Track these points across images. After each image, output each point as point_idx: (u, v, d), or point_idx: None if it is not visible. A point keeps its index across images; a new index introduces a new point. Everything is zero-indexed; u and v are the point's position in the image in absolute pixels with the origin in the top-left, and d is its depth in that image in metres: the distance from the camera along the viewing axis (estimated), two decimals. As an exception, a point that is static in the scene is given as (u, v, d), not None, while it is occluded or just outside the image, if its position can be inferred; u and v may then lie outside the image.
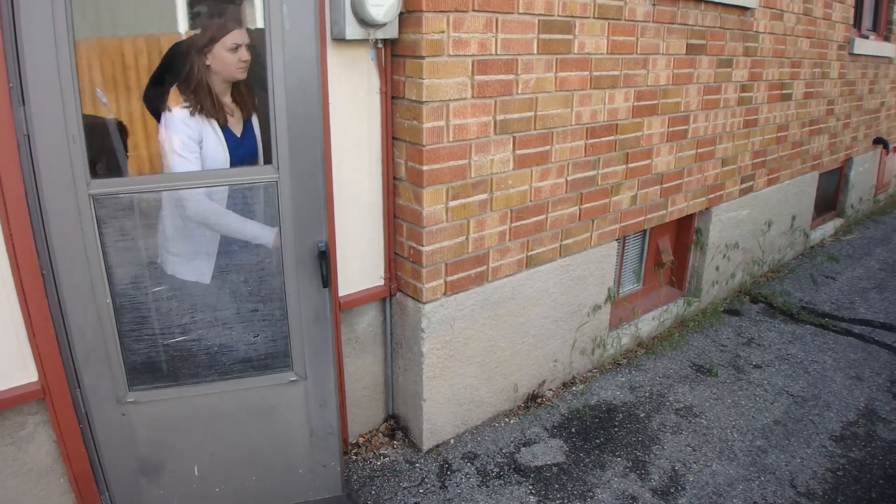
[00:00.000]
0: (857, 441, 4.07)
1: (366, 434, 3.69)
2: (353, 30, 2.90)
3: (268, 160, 2.77)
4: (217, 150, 2.75)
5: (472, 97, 3.19)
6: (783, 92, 5.96)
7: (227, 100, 2.84)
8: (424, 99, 3.02)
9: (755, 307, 5.93)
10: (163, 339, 2.76)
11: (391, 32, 3.02)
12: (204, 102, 2.71)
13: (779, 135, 6.09)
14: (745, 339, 5.29)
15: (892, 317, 5.96)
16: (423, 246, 3.25)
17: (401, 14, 3.02)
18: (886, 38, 8.55)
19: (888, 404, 4.52)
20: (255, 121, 2.95)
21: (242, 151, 2.87)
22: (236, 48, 2.68)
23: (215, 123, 2.75)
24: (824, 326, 5.62)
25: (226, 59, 2.69)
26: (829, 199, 8.34)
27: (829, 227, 8.22)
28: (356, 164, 3.18)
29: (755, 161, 5.82)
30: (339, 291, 3.21)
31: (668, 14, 4.26)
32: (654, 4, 4.11)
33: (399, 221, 3.35)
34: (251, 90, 2.90)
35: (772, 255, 6.70)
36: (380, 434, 3.70)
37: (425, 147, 3.09)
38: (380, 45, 3.06)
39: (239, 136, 2.86)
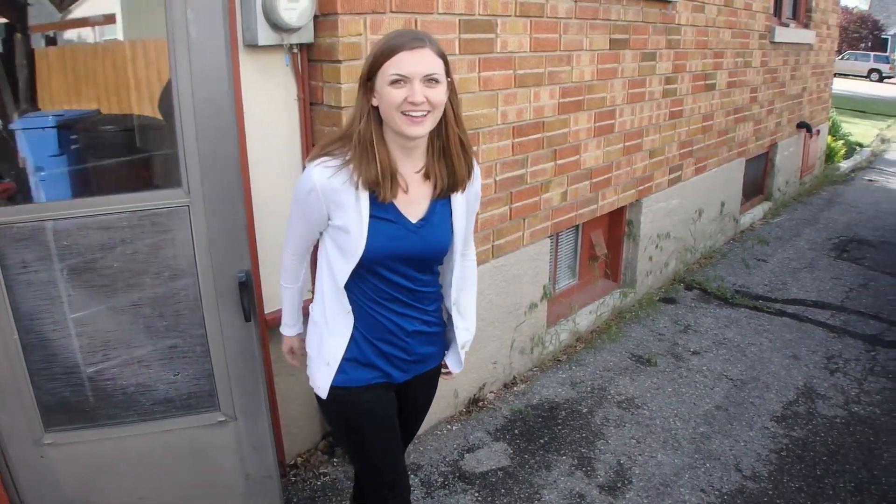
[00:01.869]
0: (799, 420, 4.14)
1: (304, 453, 3.58)
2: (266, 35, 2.78)
3: (178, 183, 2.47)
4: (355, 236, 2.00)
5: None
6: (707, 82, 6.03)
7: (405, 165, 2.04)
8: (343, 104, 2.95)
9: (690, 294, 5.99)
10: (76, 377, 2.57)
11: (306, 37, 2.93)
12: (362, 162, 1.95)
13: (704, 124, 6.17)
14: (681, 327, 5.34)
15: (824, 295, 6.09)
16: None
17: (315, 17, 2.94)
18: (806, 26, 8.74)
19: (826, 381, 4.61)
20: (455, 201, 2.14)
21: (412, 246, 2.08)
22: (397, 82, 1.88)
23: (365, 194, 1.98)
24: (759, 309, 5.71)
25: (388, 98, 1.90)
26: (756, 184, 8.49)
27: (758, 210, 8.37)
28: (277, 179, 3.03)
29: (682, 151, 5.88)
30: (266, 308, 3.08)
31: (590, 10, 4.26)
32: (576, 1, 4.11)
33: None
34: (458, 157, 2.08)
35: (704, 242, 6.79)
36: (318, 452, 3.60)
37: (347, 154, 3.01)
38: (295, 51, 2.96)
39: (415, 221, 2.07)
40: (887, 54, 48.16)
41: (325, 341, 2.16)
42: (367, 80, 1.94)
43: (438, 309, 2.30)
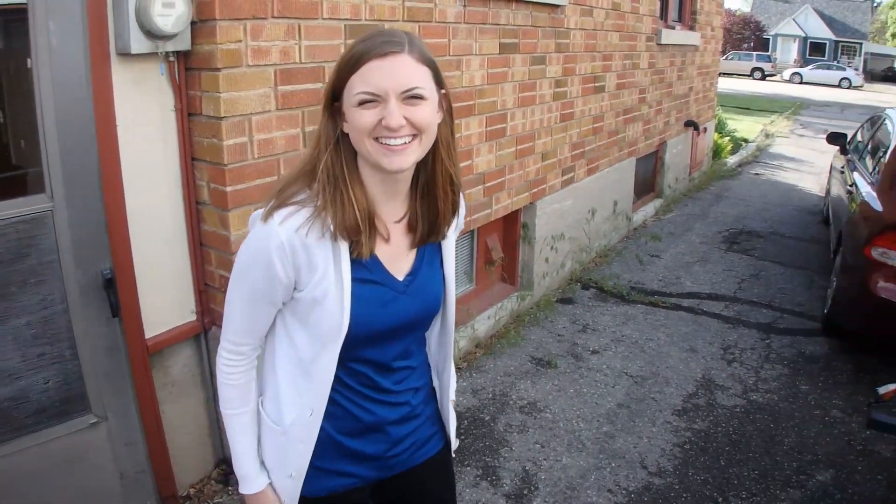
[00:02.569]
0: (700, 412, 4.20)
1: (197, 483, 3.40)
2: (139, 43, 2.62)
3: (41, 189, 2.48)
4: (333, 309, 1.51)
5: (277, 109, 3.01)
6: (596, 84, 6.10)
7: (386, 210, 1.58)
8: (223, 114, 2.81)
9: (587, 293, 6.04)
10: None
11: (183, 44, 2.79)
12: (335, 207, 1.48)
13: (595, 126, 6.24)
14: (580, 327, 5.37)
15: (718, 287, 6.24)
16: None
17: (193, 23, 2.79)
18: (691, 28, 8.99)
19: (724, 371, 4.71)
20: (445, 244, 1.71)
21: (405, 312, 1.62)
22: (367, 102, 1.41)
23: (344, 249, 1.50)
24: (655, 304, 5.80)
25: (357, 123, 1.43)
26: (647, 182, 8.66)
27: (650, 208, 8.54)
28: (152, 190, 2.90)
29: (574, 153, 5.93)
30: (146, 333, 2.91)
31: (479, 14, 4.24)
32: (465, 5, 4.08)
33: (207, 249, 3.10)
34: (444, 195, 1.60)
35: (598, 241, 6.87)
36: (212, 482, 3.42)
37: (227, 166, 2.87)
38: (171, 59, 2.81)
39: (402, 279, 1.61)
40: (769, 53, 50.55)
41: (287, 450, 1.63)
42: (333, 101, 1.46)
43: (429, 381, 1.82)
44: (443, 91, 1.50)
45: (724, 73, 10.31)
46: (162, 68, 2.81)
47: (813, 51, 57.68)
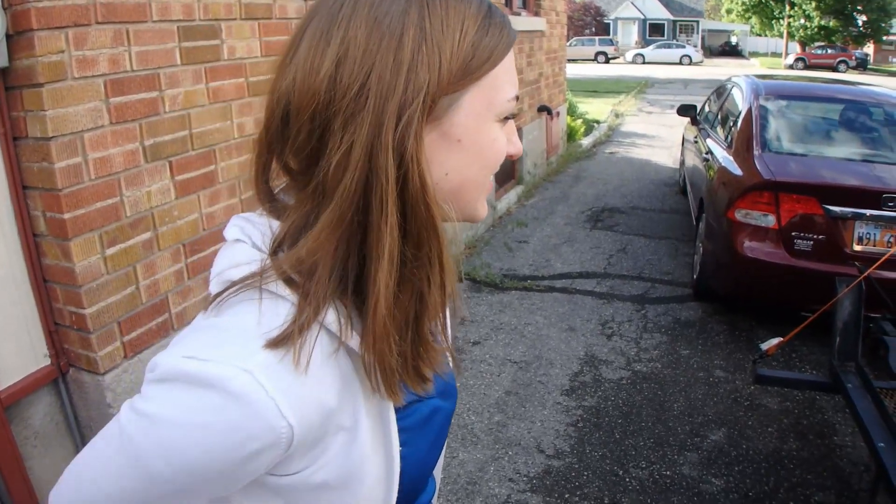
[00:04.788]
0: (587, 389, 4.18)
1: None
2: (-55, 65, 2.34)
3: None
4: (372, 489, 0.85)
5: (112, 123, 2.75)
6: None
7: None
8: (51, 134, 2.53)
9: (461, 285, 5.96)
10: None
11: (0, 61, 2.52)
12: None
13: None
14: (457, 319, 5.27)
15: (587, 265, 6.29)
16: (84, 309, 2.74)
17: (9, 36, 2.50)
18: (536, 14, 9.07)
19: (604, 346, 4.72)
20: None
21: (444, 424, 1.01)
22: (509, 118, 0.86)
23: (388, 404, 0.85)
24: (528, 289, 5.77)
25: (493, 148, 0.85)
26: (507, 170, 8.69)
27: (513, 195, 8.56)
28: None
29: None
30: (-1, 385, 2.62)
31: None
32: (305, 0, 3.91)
33: (52, 285, 2.78)
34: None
35: (466, 233, 6.82)
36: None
37: (63, 191, 2.58)
38: (-13, 79, 2.53)
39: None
40: (611, 37, 52.60)
41: None
42: (426, 111, 0.75)
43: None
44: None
45: (569, 60, 10.54)
46: (-25, 88, 2.52)
47: (653, 31, 60.66)
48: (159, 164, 2.98)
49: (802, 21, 47.12)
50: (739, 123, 5.49)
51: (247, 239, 0.82)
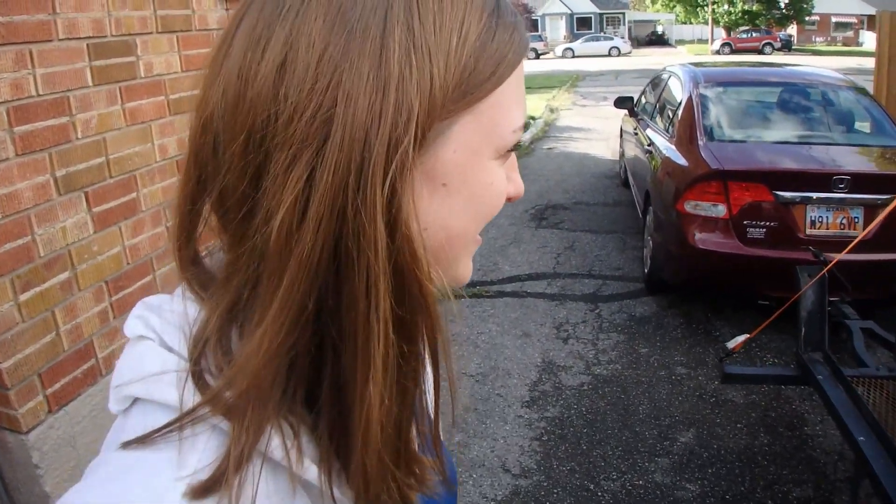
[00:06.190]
0: (549, 398, 4.03)
1: None
2: None
3: None
4: None
5: (18, 155, 2.49)
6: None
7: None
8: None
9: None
10: None
11: None
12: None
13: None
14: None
15: (536, 265, 6.16)
16: (0, 362, 2.50)
17: None
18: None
19: (562, 350, 4.57)
20: None
21: None
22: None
23: None
24: (478, 295, 5.60)
25: (493, 190, 0.63)
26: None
27: (457, 198, 8.41)
28: None
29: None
30: None
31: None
32: (227, 9, 3.68)
33: None
34: None
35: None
36: None
37: (-35, 234, 2.35)
38: None
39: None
40: (539, 33, 53.15)
41: None
42: (417, 148, 0.52)
43: None
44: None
45: (499, 58, 10.67)
46: None
47: (580, 25, 61.79)
48: (74, 196, 2.73)
49: (727, 7, 48.39)
50: (680, 113, 5.41)
51: (154, 336, 0.56)
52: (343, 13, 0.50)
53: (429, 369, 0.68)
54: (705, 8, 50.33)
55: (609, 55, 45.82)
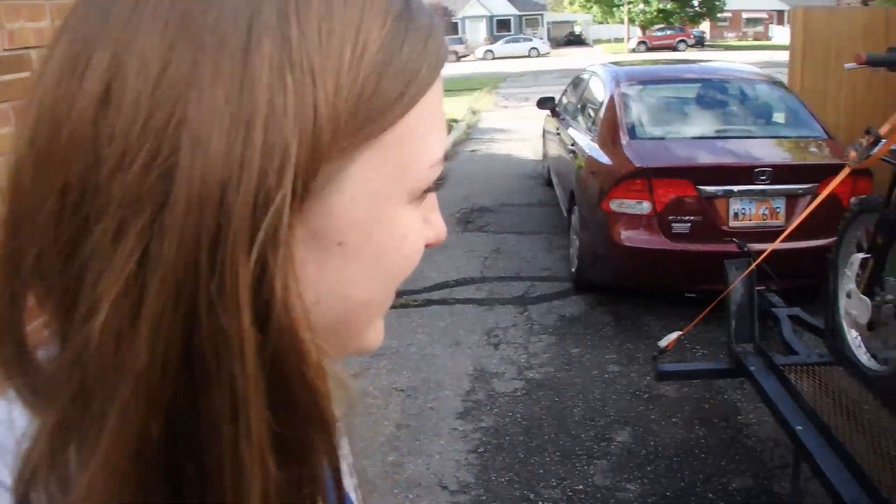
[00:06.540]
0: (483, 408, 3.94)
1: None
2: None
3: None
4: None
5: None
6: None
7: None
8: None
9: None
10: None
11: None
12: None
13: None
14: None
15: (463, 271, 6.08)
16: None
17: None
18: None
19: (493, 357, 4.50)
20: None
21: None
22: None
23: None
24: (405, 305, 5.45)
25: (410, 244, 0.49)
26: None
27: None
28: None
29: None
30: None
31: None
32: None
33: None
34: None
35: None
36: None
37: None
38: None
39: None
40: (459, 36, 53.43)
41: None
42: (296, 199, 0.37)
43: None
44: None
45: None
46: None
47: (500, 27, 62.79)
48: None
49: (642, 6, 49.40)
50: (603, 112, 5.42)
51: None
52: (189, 22, 0.36)
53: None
54: (621, 8, 51.39)
55: (529, 56, 46.52)
